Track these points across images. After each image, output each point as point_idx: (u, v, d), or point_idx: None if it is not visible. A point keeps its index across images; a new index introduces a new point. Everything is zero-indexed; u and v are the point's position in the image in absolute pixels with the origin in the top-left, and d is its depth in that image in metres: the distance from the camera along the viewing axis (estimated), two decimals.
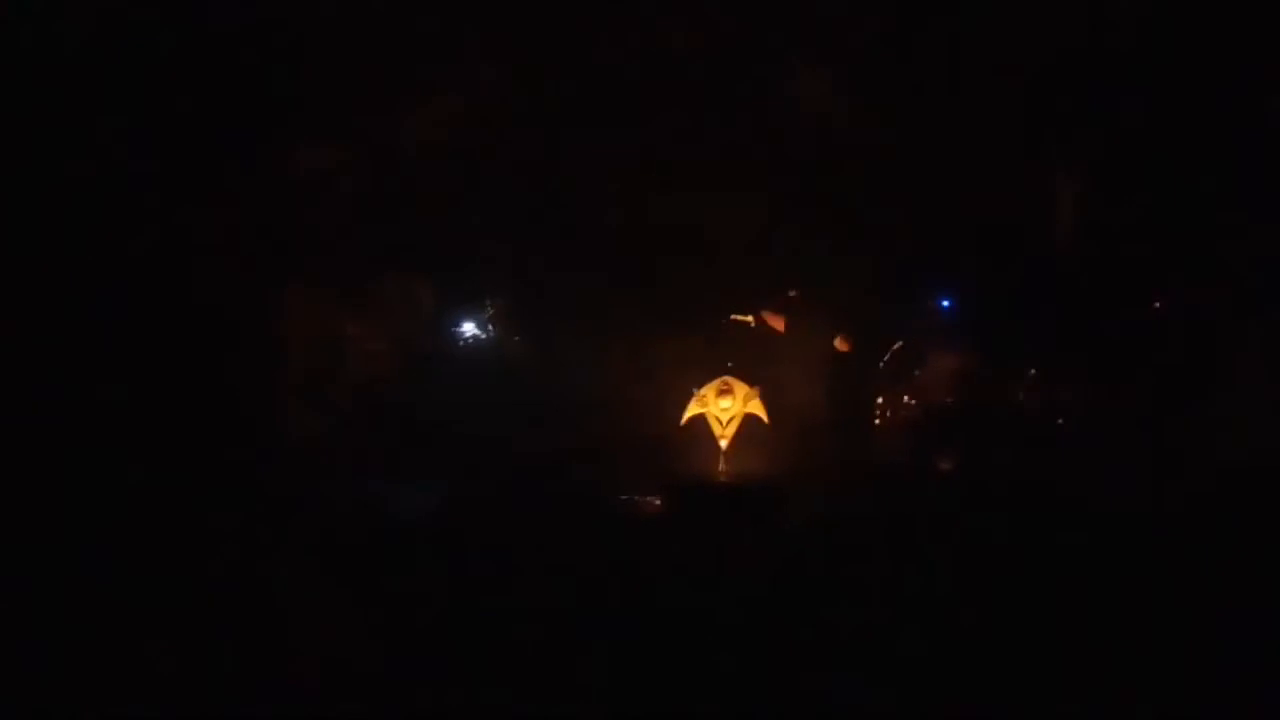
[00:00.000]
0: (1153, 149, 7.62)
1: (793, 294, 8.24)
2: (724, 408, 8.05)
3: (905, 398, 8.39)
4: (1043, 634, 5.25)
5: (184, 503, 6.30)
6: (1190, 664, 4.98)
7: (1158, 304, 8.10)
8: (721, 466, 7.97)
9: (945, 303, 8.56)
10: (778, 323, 8.25)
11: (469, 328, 8.46)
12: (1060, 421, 8.03)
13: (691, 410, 8.11)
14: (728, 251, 8.22)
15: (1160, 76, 7.47)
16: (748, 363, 8.25)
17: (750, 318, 8.32)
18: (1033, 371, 8.15)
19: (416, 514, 6.97)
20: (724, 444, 8.00)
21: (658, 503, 7.54)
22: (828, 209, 8.11)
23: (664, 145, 8.11)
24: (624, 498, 7.56)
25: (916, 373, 8.38)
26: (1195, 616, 5.29)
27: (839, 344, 8.20)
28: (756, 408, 8.09)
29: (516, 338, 8.51)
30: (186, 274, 7.48)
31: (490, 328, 8.49)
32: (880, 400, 8.39)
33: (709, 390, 8.12)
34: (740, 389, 8.09)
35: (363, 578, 5.72)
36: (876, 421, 8.38)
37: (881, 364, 8.39)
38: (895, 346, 8.39)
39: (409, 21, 7.73)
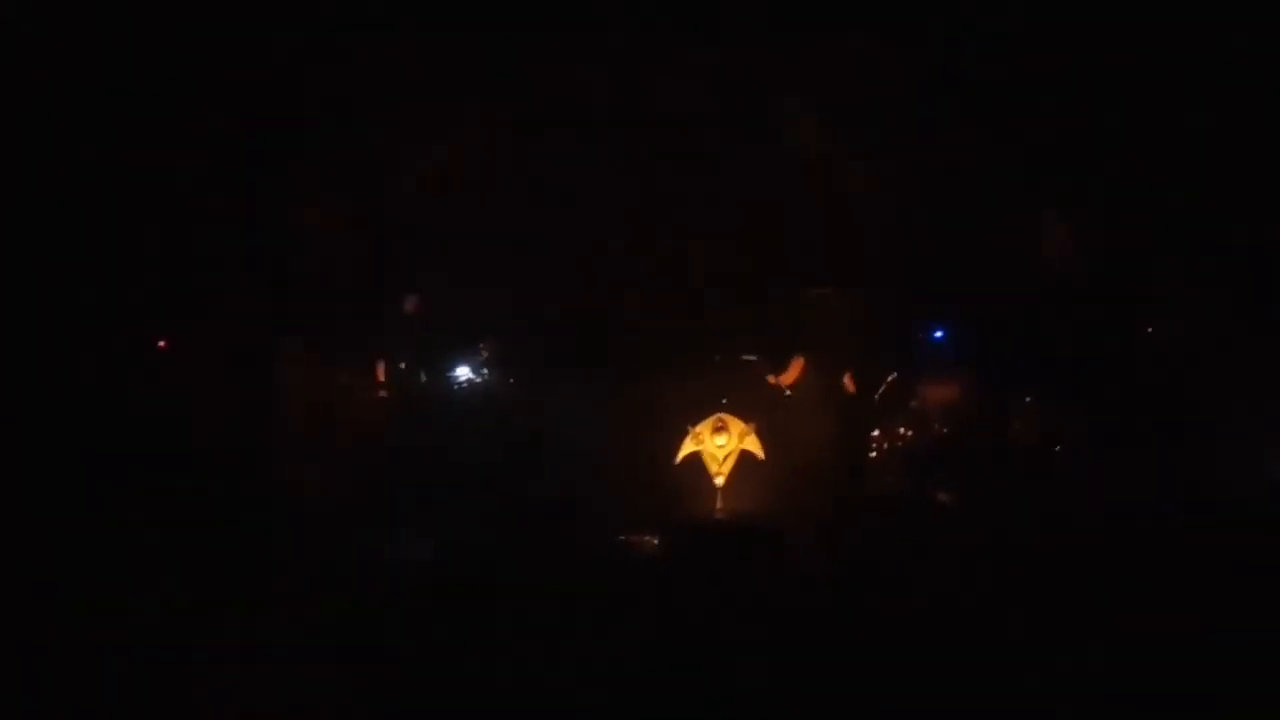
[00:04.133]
0: (1144, 176, 7.65)
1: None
2: (719, 445, 8.05)
3: (901, 430, 8.38)
4: (1049, 663, 5.23)
5: (179, 551, 6.30)
6: (1192, 693, 4.95)
7: (1150, 330, 8.11)
8: (718, 504, 7.96)
9: (938, 334, 8.57)
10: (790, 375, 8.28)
11: (463, 371, 8.47)
12: (1057, 449, 8.02)
13: (687, 448, 8.10)
14: (723, 288, 8.27)
15: (1151, 104, 7.51)
16: (743, 400, 8.26)
17: (755, 357, 8.35)
18: (1028, 399, 8.14)
19: (412, 558, 6.95)
20: (720, 481, 7.99)
21: (655, 542, 7.52)
22: (820, 245, 8.15)
23: (658, 187, 8.16)
24: (621, 537, 7.54)
25: (912, 405, 8.38)
26: (1197, 644, 5.27)
27: (847, 383, 8.23)
28: (752, 444, 8.09)
29: (511, 380, 8.51)
30: (181, 323, 7.53)
31: (484, 371, 8.49)
32: (876, 433, 8.39)
33: (704, 428, 8.12)
34: (735, 426, 8.09)
35: (360, 623, 5.71)
36: (873, 455, 8.37)
37: (876, 397, 8.39)
38: (890, 379, 8.40)
39: (401, 73, 7.79)
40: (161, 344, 7.69)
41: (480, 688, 5.18)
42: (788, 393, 8.30)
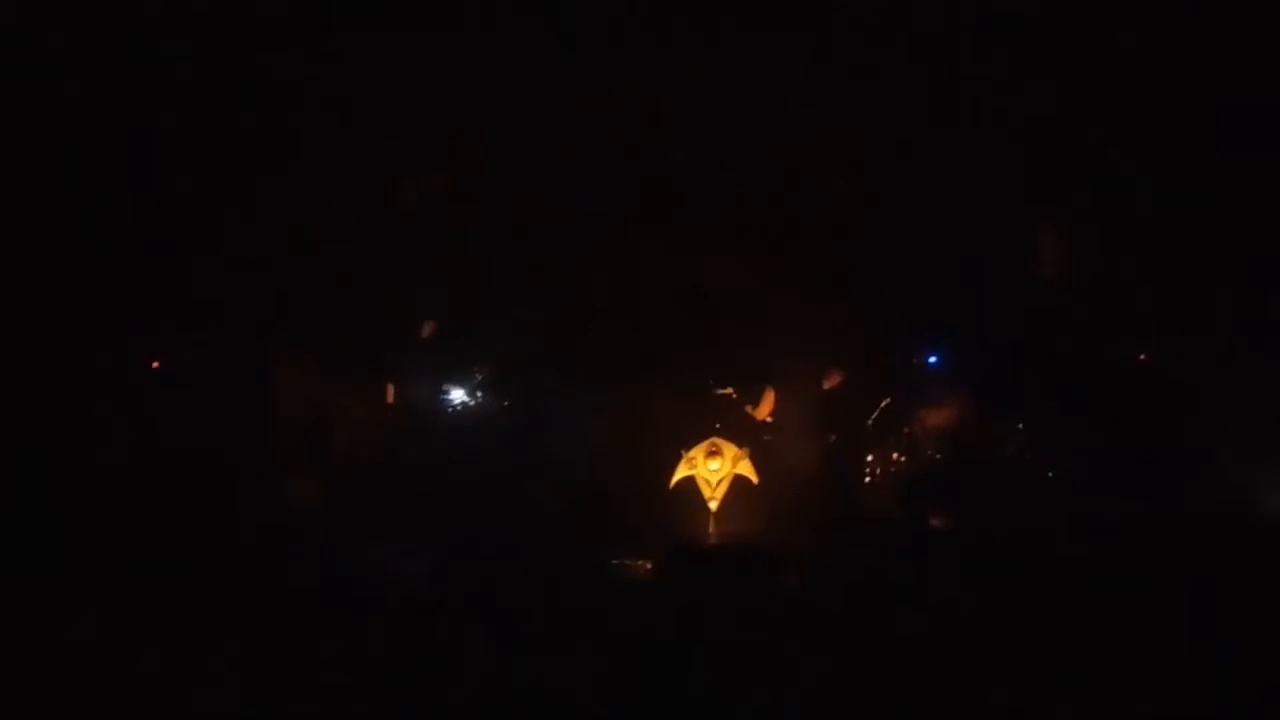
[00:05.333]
0: (1135, 203, 7.68)
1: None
2: (713, 469, 8.06)
3: (894, 454, 8.39)
4: (1041, 687, 5.21)
5: (178, 569, 6.28)
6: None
7: (1142, 355, 8.14)
8: (712, 528, 7.95)
9: (932, 359, 8.60)
10: (764, 408, 8.31)
11: (458, 394, 8.47)
12: (1050, 474, 8.03)
13: (680, 472, 8.12)
14: (715, 314, 8.29)
15: (1142, 133, 7.55)
16: (736, 424, 8.28)
17: (732, 390, 8.36)
18: (1020, 425, 8.16)
19: (407, 579, 6.93)
20: (714, 506, 8.00)
21: (649, 566, 7.51)
22: (814, 268, 8.18)
23: (650, 212, 8.19)
24: (615, 562, 7.52)
25: (905, 429, 8.40)
26: (1188, 666, 5.26)
27: (829, 381, 8.24)
28: (745, 469, 8.09)
29: (506, 403, 8.51)
30: (179, 343, 7.53)
31: (479, 394, 8.49)
32: (870, 458, 8.40)
33: (698, 452, 8.14)
34: (729, 450, 8.11)
35: (354, 641, 5.68)
36: (867, 479, 8.38)
37: (870, 421, 8.41)
38: (883, 404, 8.42)
39: (399, 93, 7.82)
40: (155, 364, 7.69)
41: (473, 706, 5.15)
42: (769, 421, 8.33)
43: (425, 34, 7.58)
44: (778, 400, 8.28)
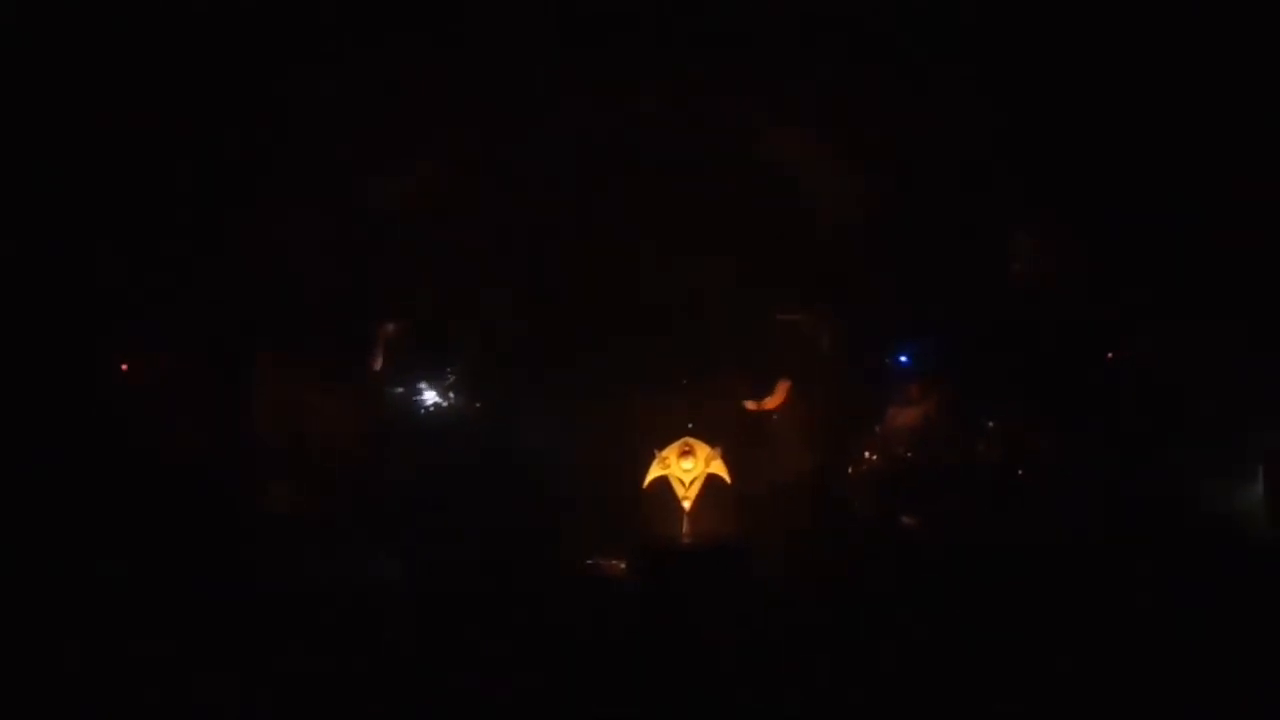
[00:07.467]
0: (1108, 202, 7.73)
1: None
2: (686, 469, 8.05)
3: (866, 453, 8.42)
4: (1014, 684, 5.27)
5: (156, 572, 6.25)
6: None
7: (1111, 355, 8.20)
8: (685, 528, 7.95)
9: (903, 358, 8.63)
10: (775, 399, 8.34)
11: (430, 395, 8.44)
12: (1020, 472, 8.07)
13: (653, 472, 8.10)
14: (688, 314, 8.32)
15: (1117, 130, 7.60)
16: (710, 423, 8.29)
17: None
18: (991, 424, 8.20)
19: (381, 582, 6.93)
20: (687, 505, 7.99)
21: (623, 566, 7.53)
22: (787, 269, 8.21)
23: (627, 210, 8.19)
24: (589, 561, 7.53)
25: (876, 428, 8.43)
26: (1158, 664, 5.32)
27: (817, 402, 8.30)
28: (719, 468, 8.10)
29: (478, 404, 8.50)
30: (154, 345, 7.49)
31: (451, 395, 8.48)
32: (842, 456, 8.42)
33: (670, 452, 8.12)
34: (702, 450, 8.10)
35: (331, 646, 5.69)
36: (839, 477, 8.39)
37: (843, 420, 8.43)
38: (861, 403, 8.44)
39: (373, 94, 7.79)
40: (124, 366, 7.64)
41: (449, 707, 5.17)
42: (774, 417, 8.35)
43: (395, 33, 7.54)
44: (789, 395, 8.29)
